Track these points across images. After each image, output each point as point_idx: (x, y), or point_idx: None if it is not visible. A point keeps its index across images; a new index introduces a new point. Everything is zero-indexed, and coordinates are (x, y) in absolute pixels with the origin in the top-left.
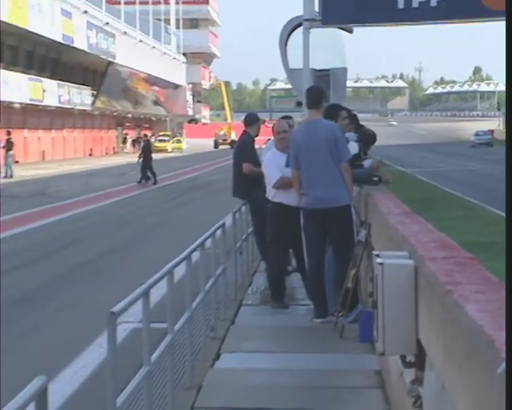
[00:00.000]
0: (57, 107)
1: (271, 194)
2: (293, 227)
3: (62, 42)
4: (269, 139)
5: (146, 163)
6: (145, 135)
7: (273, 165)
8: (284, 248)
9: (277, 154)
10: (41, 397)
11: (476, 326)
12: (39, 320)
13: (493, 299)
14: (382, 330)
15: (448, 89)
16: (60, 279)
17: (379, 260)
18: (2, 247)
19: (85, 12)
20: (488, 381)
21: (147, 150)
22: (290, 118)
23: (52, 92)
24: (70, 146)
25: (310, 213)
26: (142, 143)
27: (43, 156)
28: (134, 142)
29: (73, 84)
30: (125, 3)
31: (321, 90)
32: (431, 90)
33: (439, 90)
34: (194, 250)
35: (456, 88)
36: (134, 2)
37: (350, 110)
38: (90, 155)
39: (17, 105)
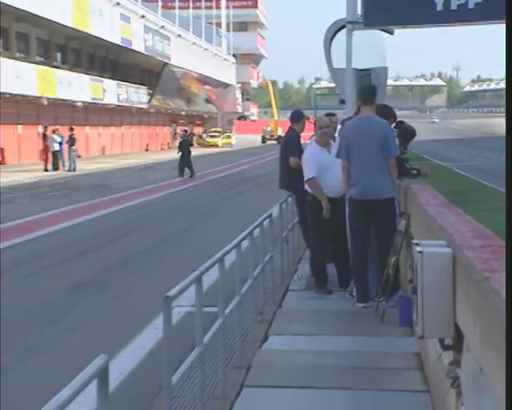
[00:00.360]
0: (116, 105)
1: None
2: (333, 217)
3: (121, 44)
4: (313, 135)
5: (184, 158)
6: (185, 130)
7: (311, 160)
8: (325, 237)
9: (317, 148)
10: (102, 375)
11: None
12: (101, 304)
13: None
14: (422, 315)
15: (484, 87)
16: (119, 265)
17: (418, 248)
18: (66, 235)
19: (142, 16)
20: None
21: (185, 146)
22: (334, 115)
23: (111, 92)
24: (128, 142)
25: (357, 203)
26: (180, 139)
27: (103, 151)
28: (187, 136)
29: (131, 84)
30: (180, 8)
31: (375, 88)
32: (468, 88)
33: (476, 87)
34: (244, 239)
35: (493, 86)
36: (187, 7)
37: (390, 107)
38: (146, 150)
39: (80, 104)
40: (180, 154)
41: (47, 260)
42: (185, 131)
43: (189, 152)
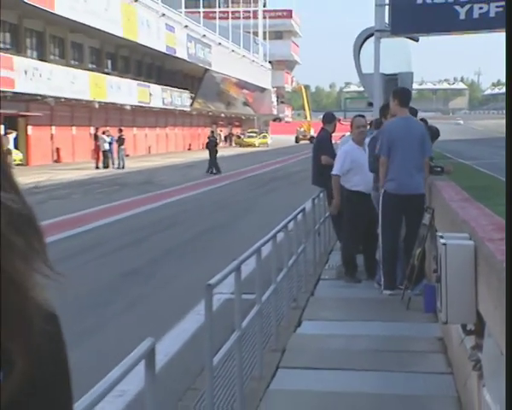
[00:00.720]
0: (161, 108)
1: (349, 183)
2: (366, 211)
3: (166, 52)
4: (343, 135)
5: (212, 156)
6: (212, 132)
7: (344, 159)
8: (358, 230)
9: (354, 147)
10: (149, 356)
11: None
12: (149, 290)
13: None
14: (445, 302)
15: (504, 90)
16: (165, 255)
17: (442, 240)
18: (117, 227)
19: (186, 26)
20: None
21: (212, 145)
22: (363, 117)
23: (157, 96)
24: (171, 142)
25: (392, 197)
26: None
27: (149, 151)
28: (226, 138)
29: (175, 89)
30: (220, 18)
31: (410, 92)
32: (489, 91)
33: (496, 91)
34: (279, 231)
35: None
36: (227, 18)
37: (414, 108)
38: (189, 149)
39: (128, 107)
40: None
41: (100, 249)
42: (212, 132)
43: (216, 151)
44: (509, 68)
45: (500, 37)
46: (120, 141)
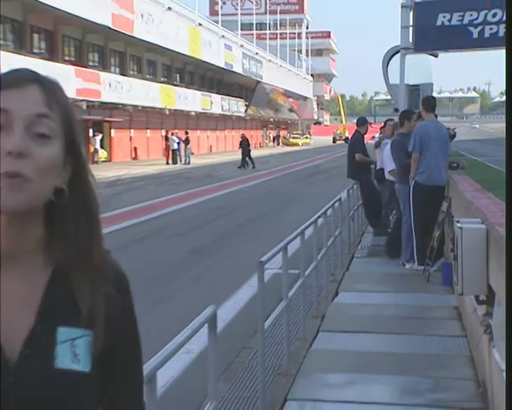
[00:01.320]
0: (220, 114)
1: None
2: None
3: (225, 67)
4: (373, 136)
5: (244, 154)
6: (243, 134)
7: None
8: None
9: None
10: (212, 320)
11: None
12: (209, 266)
13: None
14: (461, 277)
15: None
16: (222, 237)
17: (459, 225)
18: (183, 213)
19: (241, 46)
20: None
21: (244, 145)
22: (392, 120)
23: (217, 104)
24: (229, 142)
25: (422, 187)
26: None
27: (210, 149)
28: (274, 139)
29: (232, 98)
30: (270, 39)
31: (435, 99)
32: (497, 99)
33: (504, 98)
34: (319, 217)
35: None
36: (276, 38)
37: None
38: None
39: (193, 113)
40: (242, 152)
41: (170, 231)
42: (243, 134)
43: (249, 150)
44: (510, 69)
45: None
46: (186, 141)
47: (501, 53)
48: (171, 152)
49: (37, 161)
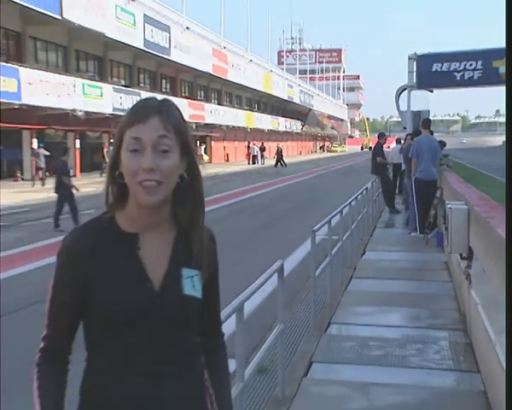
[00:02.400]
0: (284, 131)
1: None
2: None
3: (287, 100)
4: (388, 146)
5: (278, 158)
6: (277, 146)
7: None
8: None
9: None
10: (280, 270)
11: (500, 237)
12: (274, 235)
13: None
14: (450, 241)
15: (481, 120)
16: (283, 215)
17: (448, 205)
18: (259, 198)
19: (299, 85)
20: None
21: (279, 153)
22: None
23: (282, 124)
24: (290, 150)
25: (422, 182)
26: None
27: (262, 156)
28: (321, 147)
29: (292, 119)
30: (318, 80)
31: (430, 120)
32: (473, 121)
33: (477, 121)
34: (352, 201)
35: (486, 119)
36: (323, 79)
37: (431, 131)
38: (300, 153)
39: (266, 130)
40: (276, 158)
41: (246, 212)
42: (278, 145)
43: (282, 156)
44: (509, 68)
45: (480, 89)
46: (262, 149)
47: (476, 89)
48: (251, 156)
49: (162, 171)
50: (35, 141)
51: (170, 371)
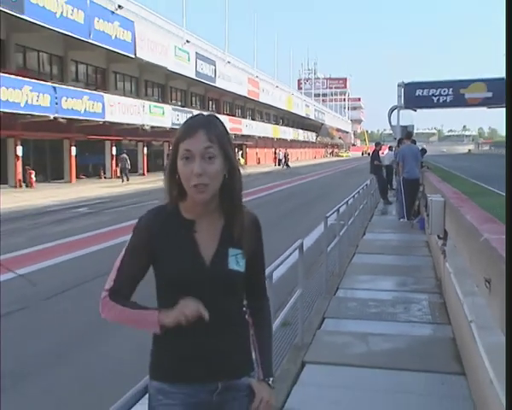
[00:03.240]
0: (302, 140)
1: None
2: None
3: (304, 116)
4: (383, 153)
5: (285, 161)
6: (285, 151)
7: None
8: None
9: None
10: (300, 246)
11: (468, 222)
12: (297, 218)
13: (477, 214)
14: (430, 225)
15: (452, 133)
16: (302, 205)
17: (429, 198)
18: (282, 192)
19: (314, 105)
20: (476, 242)
21: (285, 157)
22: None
23: (300, 134)
24: (307, 155)
25: (407, 181)
26: (283, 154)
27: (298, 159)
28: (330, 153)
29: (308, 131)
30: (329, 101)
31: (412, 133)
32: (446, 134)
33: (450, 134)
34: (355, 194)
35: (456, 132)
36: (332, 100)
37: (414, 140)
38: (315, 157)
39: (288, 139)
40: (284, 161)
41: (273, 202)
42: (285, 151)
43: (287, 159)
44: (509, 68)
45: (451, 110)
46: (286, 155)
47: (448, 110)
48: (277, 160)
49: (209, 174)
50: (114, 149)
51: (219, 329)
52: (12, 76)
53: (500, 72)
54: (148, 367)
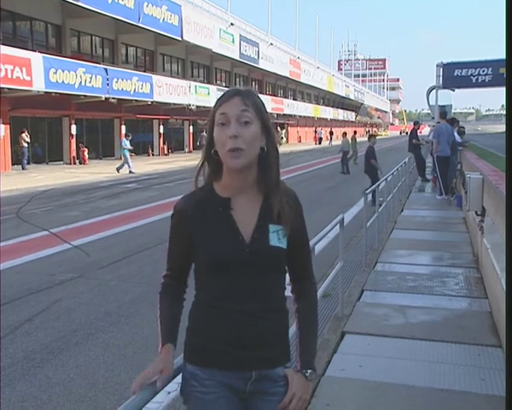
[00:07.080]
0: (342, 119)
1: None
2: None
3: (344, 96)
4: (420, 132)
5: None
6: (331, 130)
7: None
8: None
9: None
10: (341, 222)
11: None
12: (337, 194)
13: None
14: (468, 202)
15: (490, 112)
16: (343, 182)
17: (468, 175)
18: (324, 169)
19: (354, 85)
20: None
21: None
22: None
23: (340, 114)
24: (348, 134)
25: (442, 157)
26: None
27: (337, 138)
28: (368, 132)
29: (348, 111)
30: (368, 81)
31: (446, 112)
32: (484, 113)
33: (488, 113)
34: (394, 171)
35: (494, 112)
36: (371, 81)
37: (455, 119)
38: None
39: (328, 119)
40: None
41: (315, 178)
42: (330, 129)
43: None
44: (509, 68)
45: (490, 89)
46: (331, 133)
47: (487, 89)
48: (318, 138)
49: (244, 138)
50: (161, 127)
51: (256, 315)
52: (67, 59)
53: None
54: (184, 344)
